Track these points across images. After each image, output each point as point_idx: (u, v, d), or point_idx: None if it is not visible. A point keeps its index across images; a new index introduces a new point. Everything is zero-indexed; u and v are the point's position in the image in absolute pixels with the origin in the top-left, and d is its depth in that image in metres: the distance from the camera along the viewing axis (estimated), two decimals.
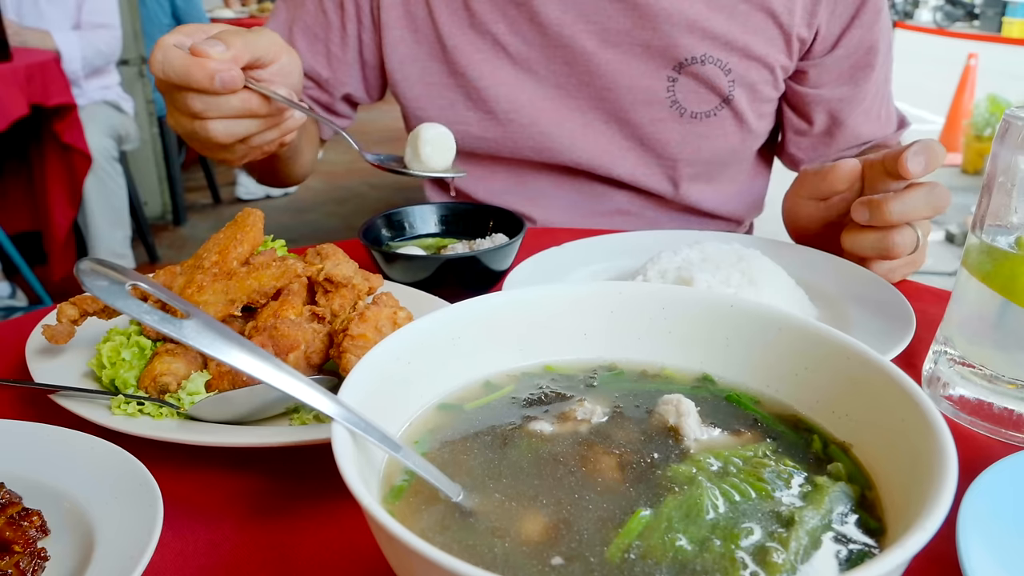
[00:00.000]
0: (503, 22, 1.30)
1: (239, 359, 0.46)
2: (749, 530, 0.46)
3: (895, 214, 0.93)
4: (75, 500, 0.61)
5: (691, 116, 1.32)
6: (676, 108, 1.31)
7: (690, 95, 1.30)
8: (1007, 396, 0.73)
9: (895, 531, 0.45)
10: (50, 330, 0.77)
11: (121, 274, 0.46)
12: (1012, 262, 0.71)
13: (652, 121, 1.33)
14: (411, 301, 0.87)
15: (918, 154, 0.91)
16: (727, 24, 1.25)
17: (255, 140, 1.00)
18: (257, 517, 0.64)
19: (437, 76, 1.36)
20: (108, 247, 3.74)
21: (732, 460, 0.52)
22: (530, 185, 1.43)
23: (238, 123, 0.96)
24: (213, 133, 0.95)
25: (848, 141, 1.41)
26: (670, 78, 1.29)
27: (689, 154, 1.36)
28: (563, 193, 1.43)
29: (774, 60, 1.30)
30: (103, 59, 3.71)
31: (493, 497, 0.50)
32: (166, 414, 0.70)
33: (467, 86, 1.35)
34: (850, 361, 0.55)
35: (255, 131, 0.99)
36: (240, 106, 0.94)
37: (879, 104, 1.40)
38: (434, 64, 1.36)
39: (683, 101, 1.31)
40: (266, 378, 0.46)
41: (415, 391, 0.59)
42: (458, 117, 1.37)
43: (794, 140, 1.44)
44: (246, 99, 0.95)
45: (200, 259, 0.83)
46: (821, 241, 1.10)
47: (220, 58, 0.90)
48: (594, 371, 0.64)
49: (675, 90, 1.30)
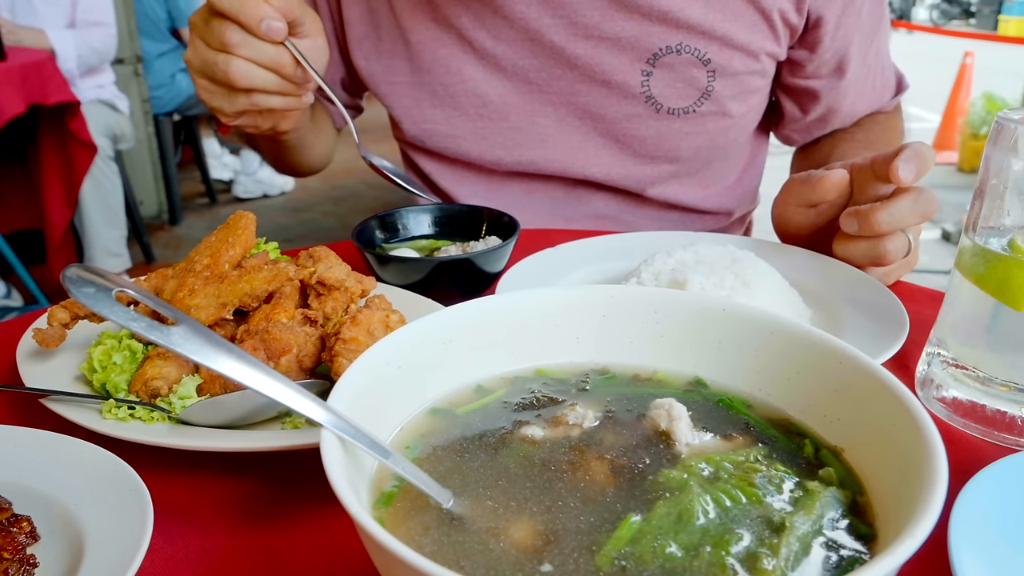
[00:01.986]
0: (467, 15, 1.26)
1: (227, 365, 0.45)
2: (739, 536, 0.46)
3: (884, 224, 0.93)
4: (65, 506, 0.61)
5: (668, 112, 1.27)
6: (652, 104, 1.27)
7: (666, 90, 1.25)
8: (1000, 398, 0.73)
9: (886, 537, 0.45)
10: (41, 334, 0.77)
11: (108, 280, 0.46)
12: (1005, 264, 0.71)
13: (627, 117, 1.29)
14: (404, 303, 0.87)
15: (909, 161, 0.90)
16: (704, 12, 1.20)
17: (261, 99, 1.00)
18: (248, 522, 0.64)
19: (401, 74, 1.33)
20: (104, 247, 3.73)
21: (723, 465, 0.52)
22: (502, 192, 1.40)
23: (260, 72, 0.97)
24: (234, 70, 0.95)
25: (844, 122, 1.39)
26: (644, 72, 1.24)
27: (667, 151, 1.31)
28: (536, 199, 1.40)
29: (758, 47, 1.24)
30: (98, 57, 3.71)
31: (483, 503, 0.49)
32: (157, 418, 0.70)
33: (432, 83, 1.31)
34: (841, 365, 0.55)
35: (270, 88, 0.99)
36: (272, 57, 0.96)
37: (874, 77, 1.36)
38: (397, 62, 1.32)
39: (659, 96, 1.26)
40: (254, 384, 0.46)
41: (407, 395, 0.59)
42: (424, 116, 1.34)
43: (787, 124, 1.41)
44: (280, 53, 0.97)
45: (192, 262, 0.83)
46: (812, 246, 1.09)
47: (276, 5, 0.94)
48: (586, 375, 0.64)
49: (650, 84, 1.25)
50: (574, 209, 1.41)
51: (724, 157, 1.40)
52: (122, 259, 3.85)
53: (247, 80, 0.97)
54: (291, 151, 1.35)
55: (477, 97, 1.30)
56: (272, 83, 0.98)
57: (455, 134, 1.34)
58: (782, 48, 1.27)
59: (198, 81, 1.01)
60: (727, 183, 1.44)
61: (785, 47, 1.27)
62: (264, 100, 1.00)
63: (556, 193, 1.40)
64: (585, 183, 1.38)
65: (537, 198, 1.40)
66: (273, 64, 0.97)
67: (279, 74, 0.98)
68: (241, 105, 1.01)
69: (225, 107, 1.02)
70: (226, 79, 0.96)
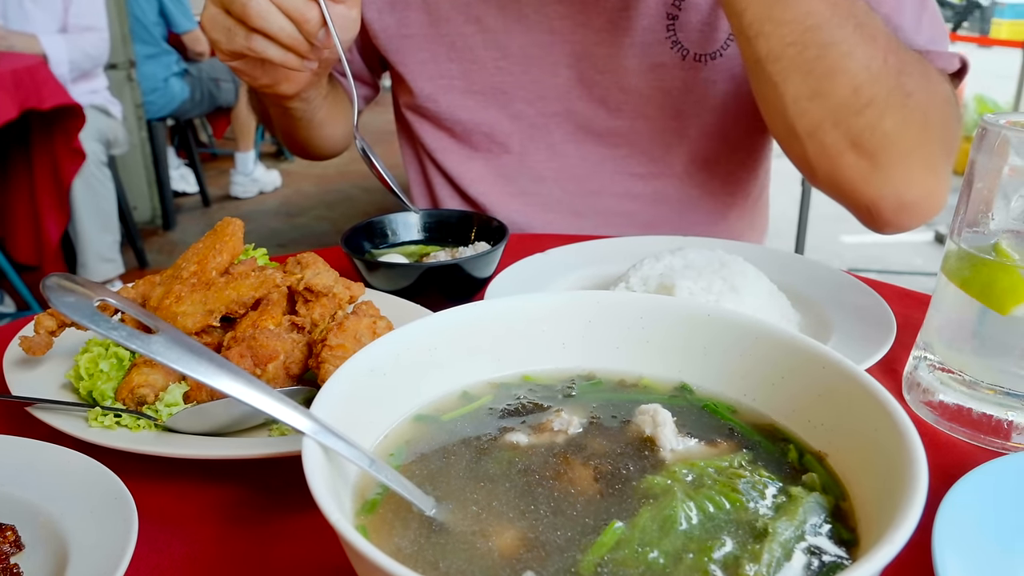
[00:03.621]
0: None
1: (207, 374, 0.45)
2: (722, 542, 0.46)
3: None
4: (50, 515, 0.60)
5: (694, 58, 1.21)
6: (678, 50, 1.20)
7: (693, 34, 1.19)
8: (985, 402, 0.73)
9: (867, 542, 0.45)
10: (27, 342, 0.76)
11: (89, 289, 0.46)
12: (990, 268, 0.71)
13: (652, 67, 1.23)
14: (393, 309, 0.87)
15: None
16: None
17: (260, 44, 0.93)
18: (234, 530, 0.63)
19: (416, 26, 1.26)
20: (97, 252, 3.72)
21: (707, 471, 0.52)
22: (513, 176, 1.34)
23: (279, 17, 0.91)
24: (254, 4, 0.89)
25: None
26: (670, 15, 1.19)
27: (693, 103, 1.25)
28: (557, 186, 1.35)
29: None
30: (90, 62, 3.70)
31: (467, 510, 0.49)
32: (143, 426, 0.70)
33: (451, 34, 1.25)
34: (825, 370, 0.55)
35: (281, 38, 0.92)
36: (298, 7, 0.90)
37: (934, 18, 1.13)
38: (412, 13, 1.26)
39: (685, 42, 1.20)
40: (235, 393, 0.46)
41: (392, 402, 0.58)
42: (440, 70, 1.28)
43: None
44: (308, 7, 0.91)
45: (179, 269, 0.82)
46: None
47: None
48: (572, 381, 0.64)
49: (676, 29, 1.19)
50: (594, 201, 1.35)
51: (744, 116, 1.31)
52: (115, 264, 3.83)
53: (262, 21, 0.90)
54: (300, 126, 1.28)
55: (497, 49, 1.25)
56: (286, 34, 0.92)
57: (472, 89, 1.28)
58: None
59: (209, 5, 0.95)
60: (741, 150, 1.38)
61: None
62: (264, 47, 0.93)
63: (576, 171, 1.33)
64: (607, 146, 1.33)
65: (559, 183, 1.34)
66: (297, 15, 0.91)
67: (300, 28, 0.92)
68: (238, 44, 0.94)
69: (222, 41, 0.95)
70: (242, 12, 0.90)
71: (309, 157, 1.46)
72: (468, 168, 1.38)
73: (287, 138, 1.39)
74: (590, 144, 1.34)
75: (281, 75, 1.03)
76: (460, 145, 1.37)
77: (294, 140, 1.37)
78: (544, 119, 1.32)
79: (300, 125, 1.27)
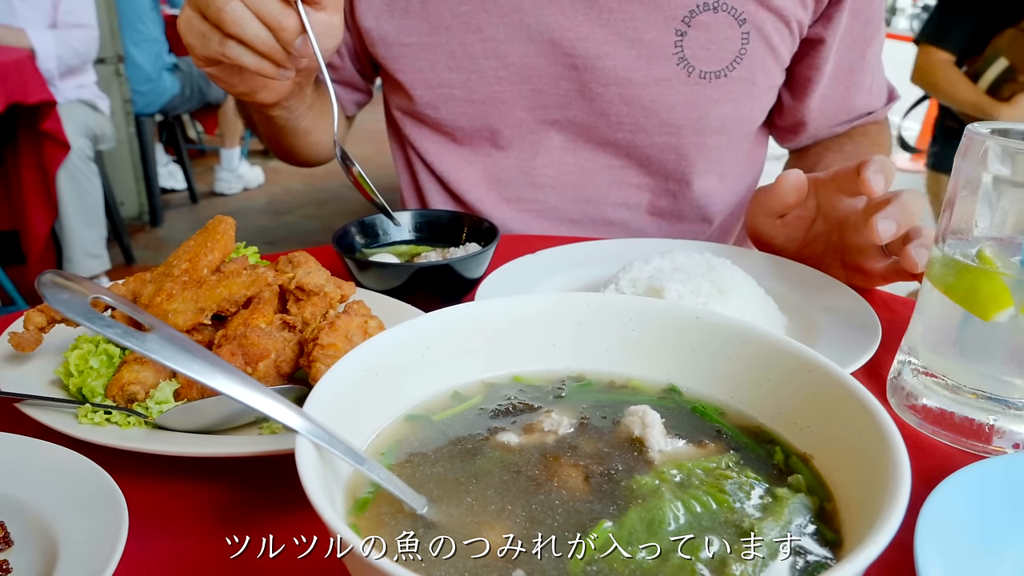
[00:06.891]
0: None
1: (201, 371, 0.46)
2: (709, 542, 0.46)
3: (908, 219, 0.92)
4: (39, 511, 0.60)
5: (700, 76, 1.23)
6: (684, 66, 1.22)
7: (700, 51, 1.21)
8: (968, 406, 0.74)
9: (851, 543, 0.46)
10: (16, 338, 0.76)
11: (83, 286, 0.46)
12: (973, 275, 0.73)
13: (656, 82, 1.23)
14: (384, 309, 0.87)
15: (877, 172, 0.92)
16: None
17: (235, 51, 0.89)
18: (224, 528, 0.64)
19: (416, 34, 1.25)
20: (83, 248, 3.69)
21: (695, 472, 0.53)
22: (507, 180, 1.35)
23: (255, 24, 0.87)
24: (229, 10, 0.85)
25: (840, 117, 1.38)
26: (678, 31, 1.20)
27: (695, 120, 1.27)
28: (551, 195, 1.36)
29: (791, 13, 1.21)
30: (79, 59, 3.67)
31: (458, 509, 0.50)
32: (134, 423, 0.70)
33: (451, 43, 1.24)
34: (811, 374, 0.56)
35: (257, 45, 0.88)
36: (275, 15, 0.87)
37: (873, 77, 1.36)
38: (411, 21, 1.24)
39: (692, 58, 1.21)
40: (228, 390, 0.46)
41: (383, 401, 0.59)
42: (439, 79, 1.27)
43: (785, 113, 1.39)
44: (285, 15, 0.87)
45: (170, 267, 0.82)
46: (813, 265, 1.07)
47: None
48: (562, 381, 0.64)
49: (683, 45, 1.21)
50: (591, 208, 1.37)
51: (742, 138, 1.37)
52: (102, 260, 3.80)
53: (238, 27, 0.87)
54: (284, 133, 1.26)
55: (498, 58, 1.24)
56: (262, 41, 0.88)
57: (472, 99, 1.28)
58: (808, 16, 1.24)
59: (186, 8, 0.91)
60: (737, 174, 1.42)
61: (810, 18, 1.25)
62: (238, 54, 0.89)
63: (574, 180, 1.35)
64: (605, 155, 1.34)
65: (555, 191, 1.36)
66: (274, 22, 0.87)
67: (277, 36, 0.88)
68: (213, 50, 0.90)
69: (197, 46, 0.92)
70: (217, 17, 0.87)
71: (295, 163, 1.45)
72: (465, 173, 1.38)
73: (272, 143, 1.37)
74: (588, 153, 1.34)
75: (259, 83, 1.01)
76: (456, 149, 1.37)
77: (279, 146, 1.36)
78: (544, 127, 1.32)
79: (284, 132, 1.26)
